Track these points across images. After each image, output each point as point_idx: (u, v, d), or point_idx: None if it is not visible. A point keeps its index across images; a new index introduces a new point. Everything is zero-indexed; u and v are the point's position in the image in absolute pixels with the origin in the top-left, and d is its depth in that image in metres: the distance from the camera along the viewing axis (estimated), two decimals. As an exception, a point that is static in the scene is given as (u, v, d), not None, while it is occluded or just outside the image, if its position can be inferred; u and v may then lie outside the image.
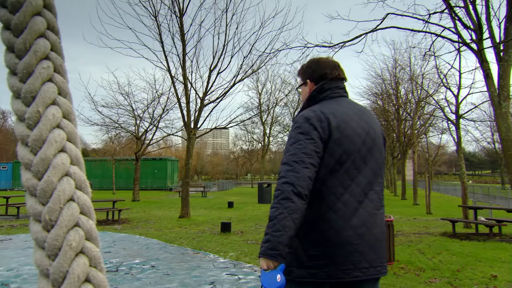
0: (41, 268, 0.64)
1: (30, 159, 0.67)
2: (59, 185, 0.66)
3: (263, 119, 38.02)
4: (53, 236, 0.64)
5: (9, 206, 13.81)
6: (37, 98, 0.67)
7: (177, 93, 13.70)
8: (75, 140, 0.70)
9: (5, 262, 6.15)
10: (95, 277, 0.65)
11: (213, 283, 4.91)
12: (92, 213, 0.69)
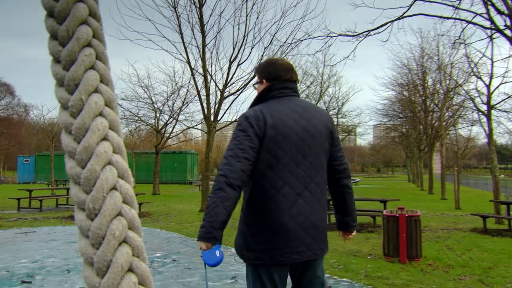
0: (85, 256, 0.65)
1: (73, 147, 0.68)
2: (102, 174, 0.67)
3: (283, 111, 37.91)
4: (96, 225, 0.65)
5: (32, 199, 14.22)
6: (80, 85, 0.68)
7: (196, 86, 13.78)
8: (117, 128, 0.71)
9: (29, 254, 6.34)
10: (138, 267, 0.65)
11: (235, 278, 4.95)
12: (135, 202, 0.70)
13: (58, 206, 14.97)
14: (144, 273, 0.65)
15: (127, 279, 0.63)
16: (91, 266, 0.64)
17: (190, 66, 13.18)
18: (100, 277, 0.63)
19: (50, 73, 0.69)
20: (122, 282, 0.62)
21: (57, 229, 9.20)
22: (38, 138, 37.66)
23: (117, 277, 0.63)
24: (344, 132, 43.28)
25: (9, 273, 5.14)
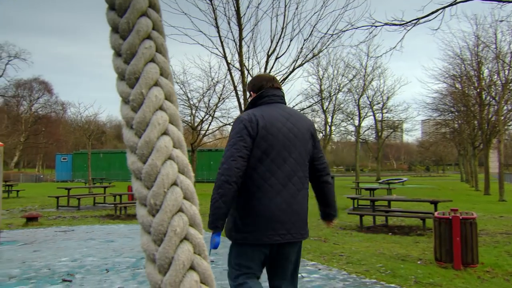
0: (147, 252, 0.67)
1: (135, 141, 0.70)
2: (163, 169, 0.68)
3: (324, 106, 37.45)
4: (158, 221, 0.67)
5: (70, 198, 14.85)
6: (141, 79, 0.70)
7: (233, 81, 13.87)
8: (177, 122, 0.72)
9: (68, 252, 6.62)
10: (199, 265, 0.66)
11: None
12: (195, 198, 0.71)
13: (96, 205, 15.55)
14: (205, 272, 0.66)
15: (188, 277, 0.64)
16: (153, 263, 0.66)
17: (226, 60, 13.29)
18: (162, 274, 0.65)
19: (112, 67, 0.71)
20: (184, 280, 0.64)
21: (95, 228, 9.56)
22: (75, 136, 39.23)
23: (179, 275, 0.64)
24: (389, 128, 42.33)
25: (50, 271, 5.39)
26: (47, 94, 55.20)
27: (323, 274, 5.25)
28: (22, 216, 11.11)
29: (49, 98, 55.48)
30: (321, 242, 7.71)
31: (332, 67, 36.61)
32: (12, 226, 9.82)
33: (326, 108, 38.10)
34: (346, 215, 12.03)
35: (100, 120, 39.35)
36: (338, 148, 76.14)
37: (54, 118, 55.06)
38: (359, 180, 31.29)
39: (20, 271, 5.39)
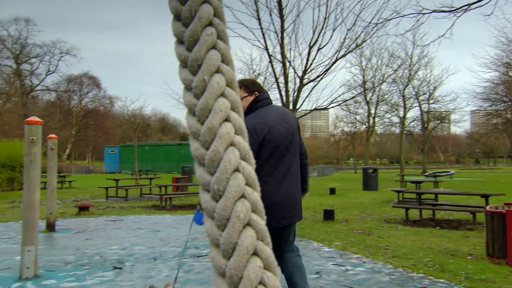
0: (211, 237, 0.67)
1: (197, 128, 0.71)
2: (225, 155, 0.69)
3: (367, 98, 36.67)
4: (221, 206, 0.67)
5: (118, 189, 15.42)
6: (203, 66, 0.70)
7: (275, 73, 13.83)
8: (238, 109, 0.72)
9: (118, 241, 6.89)
10: (262, 251, 0.66)
11: (319, 273, 4.93)
12: (257, 185, 0.71)
13: (142, 196, 16.06)
14: (268, 258, 0.66)
15: (252, 262, 0.64)
16: (217, 248, 0.67)
17: (268, 52, 13.26)
18: (226, 259, 0.65)
19: (174, 55, 0.72)
20: (248, 265, 0.64)
21: (142, 218, 9.88)
22: (122, 129, 40.65)
23: (243, 260, 0.64)
24: (436, 119, 40.85)
25: (102, 258, 5.63)
26: (96, 89, 57.41)
27: (368, 268, 5.17)
28: (74, 206, 11.66)
29: (97, 92, 57.71)
30: (365, 235, 7.59)
31: (376, 57, 35.71)
32: (66, 215, 10.33)
33: (370, 99, 37.27)
34: (390, 208, 11.77)
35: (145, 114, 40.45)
36: (382, 140, 74.42)
37: (103, 112, 57.22)
38: (404, 172, 30.49)
39: (75, 257, 5.67)
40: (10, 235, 7.45)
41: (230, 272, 0.63)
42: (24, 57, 45.77)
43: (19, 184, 19.99)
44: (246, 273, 0.63)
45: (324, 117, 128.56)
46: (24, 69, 46.49)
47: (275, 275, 0.64)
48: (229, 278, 0.63)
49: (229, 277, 0.63)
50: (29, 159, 4.78)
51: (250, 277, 0.62)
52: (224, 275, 0.64)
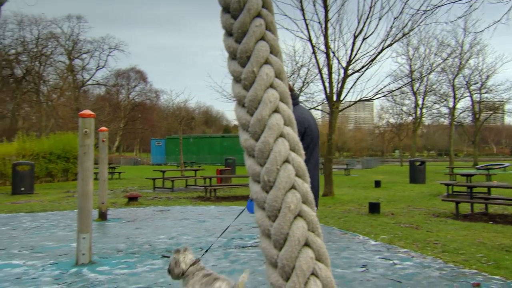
0: (262, 228, 0.68)
1: (247, 119, 0.71)
2: (275, 146, 0.69)
3: (414, 88, 35.44)
4: (272, 197, 0.67)
5: (165, 180, 15.85)
6: (252, 57, 0.70)
7: (318, 64, 13.66)
8: (287, 100, 0.72)
9: (166, 231, 7.09)
10: (314, 242, 0.66)
11: (365, 266, 4.85)
12: (307, 176, 0.71)
13: (187, 187, 16.43)
14: (320, 249, 0.66)
15: (304, 253, 0.64)
16: (268, 238, 0.67)
17: (311, 43, 13.10)
18: (277, 249, 0.65)
19: (223, 47, 0.72)
20: (299, 256, 0.64)
21: (188, 208, 10.11)
22: (167, 122, 41.65)
23: (294, 251, 0.64)
24: (488, 110, 38.88)
25: (151, 247, 5.83)
26: (143, 83, 59.12)
27: (417, 262, 5.03)
28: (124, 196, 12.12)
29: (144, 86, 59.41)
30: (413, 229, 7.38)
31: (424, 46, 34.32)
32: (116, 205, 10.76)
33: (417, 89, 36.03)
34: (439, 201, 11.38)
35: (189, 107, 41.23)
36: (430, 132, 71.79)
37: (149, 105, 58.87)
38: (453, 165, 29.32)
39: (126, 245, 5.90)
40: (66, 223, 7.86)
41: (282, 263, 0.63)
42: (76, 53, 47.82)
43: (72, 175, 21.02)
44: (298, 264, 0.63)
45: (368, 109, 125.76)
46: (76, 64, 48.60)
47: (327, 266, 0.64)
48: (281, 268, 0.63)
49: (281, 267, 0.63)
50: (83, 150, 5.01)
51: (303, 267, 0.62)
52: (275, 265, 0.64)
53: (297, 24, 17.01)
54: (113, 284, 4.13)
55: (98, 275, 4.43)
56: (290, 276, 0.62)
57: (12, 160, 17.91)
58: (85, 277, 4.39)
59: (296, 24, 13.91)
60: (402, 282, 4.25)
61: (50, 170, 20.10)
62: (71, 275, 4.45)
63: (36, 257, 5.22)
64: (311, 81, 20.86)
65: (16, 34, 38.97)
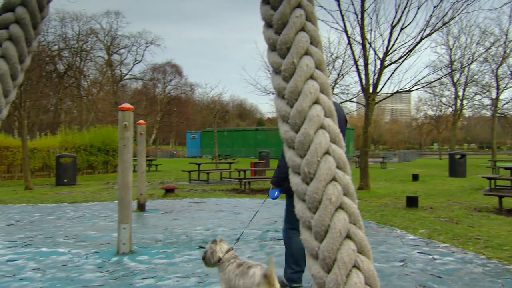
0: (303, 219, 0.68)
1: (287, 111, 0.71)
2: (316, 138, 0.68)
3: (455, 79, 34.18)
4: (312, 189, 0.67)
5: (200, 172, 16.08)
6: (292, 48, 0.70)
7: (354, 55, 13.41)
8: (327, 91, 0.71)
9: (202, 222, 7.20)
10: (355, 234, 0.65)
11: (404, 261, 4.76)
12: (348, 168, 0.70)
13: (222, 179, 16.60)
14: (362, 241, 0.65)
15: (346, 245, 0.64)
16: (309, 230, 0.67)
17: (347, 34, 12.87)
18: (318, 241, 0.65)
19: (263, 38, 0.72)
20: (341, 248, 0.63)
21: (223, 200, 10.23)
22: (202, 115, 42.14)
23: (336, 243, 0.64)
24: (536, 101, 36.99)
25: (188, 238, 5.94)
26: (178, 77, 59.98)
27: (457, 257, 4.89)
28: (161, 188, 12.39)
29: (179, 80, 60.27)
30: (453, 223, 7.17)
31: (465, 35, 33.05)
32: (154, 197, 11.02)
33: (457, 80, 34.76)
34: (481, 196, 10.99)
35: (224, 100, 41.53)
36: (470, 124, 69.20)
37: (184, 99, 59.70)
38: (496, 158, 28.19)
39: (164, 236, 6.04)
40: (107, 214, 8.13)
41: (323, 254, 0.63)
42: (114, 48, 49.05)
43: (112, 167, 21.69)
44: (339, 256, 0.62)
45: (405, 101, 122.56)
46: (114, 59, 49.87)
47: (370, 259, 0.63)
48: (322, 260, 0.63)
49: (322, 259, 0.63)
50: (123, 143, 5.15)
51: (344, 260, 0.62)
52: (316, 257, 0.64)
53: (332, 15, 16.78)
54: (152, 273, 4.24)
55: (138, 264, 4.57)
56: (331, 268, 0.62)
57: (55, 152, 18.68)
58: (126, 266, 4.53)
59: (331, 15, 13.70)
60: (442, 277, 4.14)
61: (91, 162, 20.82)
62: (113, 263, 4.61)
63: (79, 246, 5.44)
64: (346, 73, 20.53)
65: (59, 31, 40.37)
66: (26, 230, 6.52)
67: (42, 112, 30.88)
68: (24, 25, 0.89)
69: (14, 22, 0.88)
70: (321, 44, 0.72)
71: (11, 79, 0.91)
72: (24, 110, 13.93)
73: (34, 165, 18.25)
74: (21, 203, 9.92)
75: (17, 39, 0.88)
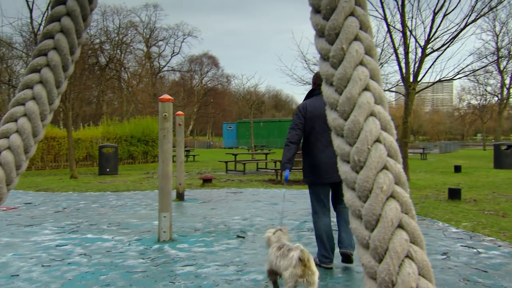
0: (352, 208, 0.67)
1: (335, 98, 0.69)
2: (366, 125, 0.66)
3: (501, 66, 32.62)
4: (362, 177, 0.66)
5: (237, 163, 16.21)
6: (341, 34, 0.68)
7: (394, 43, 13.03)
8: (377, 78, 0.69)
9: (239, 212, 7.27)
10: (408, 224, 0.64)
11: (446, 254, 4.63)
12: (399, 156, 0.68)
13: (258, 170, 16.67)
14: (415, 231, 0.63)
15: (398, 235, 0.62)
16: (359, 219, 0.66)
17: (386, 22, 12.51)
18: (369, 230, 0.64)
19: (311, 24, 0.71)
20: (393, 237, 0.62)
21: (260, 191, 10.28)
22: (238, 106, 42.38)
23: (387, 233, 0.62)
24: None
25: (226, 227, 6.02)
26: (215, 68, 60.48)
27: (504, 252, 4.70)
28: (199, 178, 12.60)
29: (216, 71, 60.77)
30: (498, 217, 6.89)
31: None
32: (192, 186, 11.23)
33: (504, 68, 33.16)
34: (529, 188, 10.49)
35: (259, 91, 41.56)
36: (518, 113, 65.98)
37: (221, 90, 60.19)
38: (546, 149, 26.77)
39: (202, 225, 6.15)
40: (147, 202, 8.36)
41: (374, 244, 0.62)
42: (153, 40, 50.02)
43: (151, 157, 22.24)
44: (392, 246, 0.61)
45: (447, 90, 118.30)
46: (153, 51, 50.88)
47: (423, 249, 0.61)
48: (373, 249, 0.62)
49: (373, 248, 0.62)
50: (163, 133, 5.26)
51: (397, 249, 0.60)
52: (367, 246, 0.63)
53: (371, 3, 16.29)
54: (192, 261, 4.34)
55: (179, 252, 4.68)
56: (383, 258, 0.61)
57: (98, 142, 19.34)
58: (167, 253, 4.65)
59: (370, 2, 13.23)
60: (488, 272, 4.00)
61: (131, 152, 21.43)
62: (154, 250, 4.75)
63: (122, 233, 5.63)
64: (385, 62, 19.98)
65: (100, 24, 41.57)
66: (73, 217, 6.82)
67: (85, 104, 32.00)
68: (75, 17, 0.91)
69: (66, 15, 0.91)
70: (371, 29, 0.70)
71: (62, 70, 0.94)
72: (69, 101, 14.47)
73: (79, 155, 18.99)
74: (67, 191, 10.37)
75: (68, 31, 0.91)
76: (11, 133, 0.88)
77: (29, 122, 0.90)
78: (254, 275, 3.88)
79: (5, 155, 0.86)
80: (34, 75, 0.91)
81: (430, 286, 0.59)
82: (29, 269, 4.06)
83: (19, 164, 0.90)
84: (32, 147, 0.93)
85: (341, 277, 3.92)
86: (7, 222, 6.46)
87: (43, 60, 0.91)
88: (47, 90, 0.92)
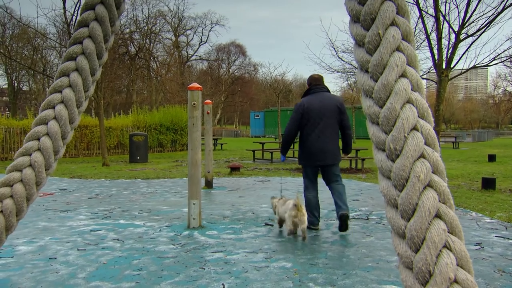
0: (388, 197, 0.66)
1: (370, 85, 0.68)
2: (402, 113, 0.65)
3: (540, 51, 31.25)
4: (399, 166, 0.64)
5: (264, 151, 16.22)
6: (377, 19, 0.67)
7: (426, 29, 12.62)
8: (415, 64, 0.67)
9: (267, 200, 7.28)
10: (446, 214, 0.62)
11: (480, 244, 4.52)
12: (437, 145, 0.66)
13: (286, 159, 16.63)
14: (453, 221, 0.62)
15: (435, 225, 0.61)
16: (395, 208, 0.65)
17: (418, 7, 12.10)
18: (405, 219, 0.63)
19: (345, 9, 0.70)
20: (430, 227, 0.61)
21: (287, 179, 10.27)
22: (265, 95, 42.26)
23: (424, 222, 0.61)
24: None
25: (254, 215, 6.06)
26: (242, 57, 60.43)
27: (539, 244, 4.54)
28: (227, 166, 12.69)
29: (243, 60, 60.72)
30: (535, 208, 6.65)
31: (553, 1, 29.81)
32: (220, 174, 11.33)
33: (543, 52, 31.66)
34: None
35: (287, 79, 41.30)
36: (557, 100, 63.13)
37: (247, 79, 60.15)
38: None
39: (231, 213, 6.21)
40: (177, 190, 8.50)
41: (410, 234, 0.61)
42: (181, 29, 50.36)
43: (180, 146, 22.53)
44: (429, 235, 0.60)
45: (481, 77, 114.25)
46: (181, 41, 51.24)
47: (461, 240, 0.60)
48: (410, 239, 0.61)
49: (409, 238, 0.61)
50: (192, 122, 5.31)
51: (434, 239, 0.59)
52: (403, 235, 0.62)
53: (402, -13, 15.85)
54: (221, 247, 4.39)
55: (208, 239, 4.75)
56: (420, 247, 0.60)
57: (128, 131, 19.74)
58: (197, 239, 4.73)
59: (401, -14, 12.85)
60: (522, 264, 3.89)
61: (160, 140, 21.77)
62: (184, 237, 4.83)
63: (153, 219, 5.75)
64: (417, 48, 19.45)
65: (130, 14, 42.16)
66: (105, 203, 7.01)
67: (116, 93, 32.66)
68: (109, 5, 0.92)
69: (100, 3, 0.92)
70: (409, 14, 0.68)
71: (97, 58, 0.96)
72: (101, 90, 14.78)
73: (110, 143, 19.44)
74: (100, 178, 10.66)
75: (102, 19, 0.92)
76: (49, 120, 0.91)
77: (66, 109, 0.93)
78: (283, 262, 3.90)
79: (44, 141, 0.89)
80: (70, 63, 0.93)
81: (469, 277, 0.58)
82: (66, 253, 4.21)
83: (57, 149, 0.92)
84: (69, 133, 0.95)
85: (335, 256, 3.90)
86: (44, 207, 6.71)
87: (79, 48, 0.93)
88: (83, 77, 0.94)
